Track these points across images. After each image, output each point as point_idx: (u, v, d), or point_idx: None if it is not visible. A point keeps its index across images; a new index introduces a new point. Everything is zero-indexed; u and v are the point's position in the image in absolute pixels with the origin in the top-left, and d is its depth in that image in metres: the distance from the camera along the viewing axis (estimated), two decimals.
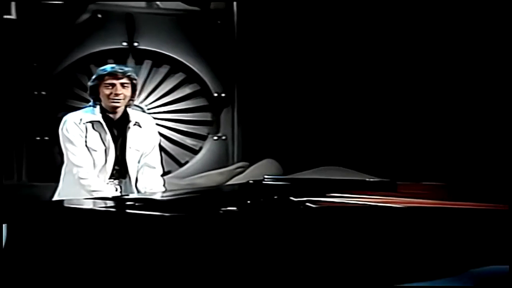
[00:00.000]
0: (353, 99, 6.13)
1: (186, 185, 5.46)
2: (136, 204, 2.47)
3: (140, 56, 6.10)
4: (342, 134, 6.06)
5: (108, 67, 3.82)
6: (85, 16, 5.87)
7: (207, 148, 6.29)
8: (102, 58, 5.91)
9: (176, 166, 6.16)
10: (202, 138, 6.33)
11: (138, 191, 3.93)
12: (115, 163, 3.82)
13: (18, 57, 5.58)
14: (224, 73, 6.30)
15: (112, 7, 5.99)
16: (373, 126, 6.08)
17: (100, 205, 2.46)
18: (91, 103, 3.84)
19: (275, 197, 2.65)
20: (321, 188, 2.77)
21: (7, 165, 5.46)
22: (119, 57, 5.99)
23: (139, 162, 3.97)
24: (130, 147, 3.86)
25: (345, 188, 2.72)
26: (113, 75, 3.75)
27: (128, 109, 3.89)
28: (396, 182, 3.05)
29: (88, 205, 2.66)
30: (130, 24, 6.01)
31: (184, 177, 5.92)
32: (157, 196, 3.56)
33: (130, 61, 6.07)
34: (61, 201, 3.34)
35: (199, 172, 6.07)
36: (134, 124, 3.88)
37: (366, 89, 6.11)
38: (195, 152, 6.29)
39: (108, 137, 3.78)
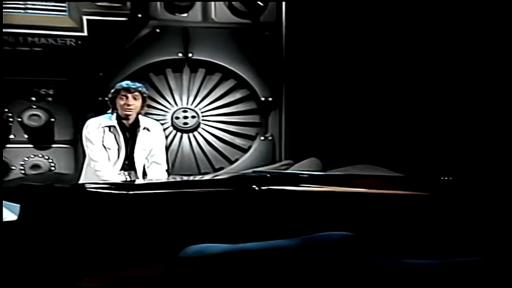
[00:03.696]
0: (392, 103, 6.42)
1: None
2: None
3: (194, 65, 6.52)
4: (381, 135, 6.38)
5: (123, 83, 4.68)
6: (146, 31, 6.38)
7: (255, 147, 6.67)
8: (160, 67, 6.45)
9: (227, 163, 6.59)
10: (251, 138, 6.71)
11: None
12: (125, 159, 4.65)
13: (86, 68, 6.16)
14: (271, 79, 6.66)
15: (170, 22, 6.45)
16: (411, 128, 6.40)
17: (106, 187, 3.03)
18: (109, 111, 4.67)
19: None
20: (294, 180, 3.27)
21: (76, 162, 6.24)
22: (175, 66, 6.49)
23: (147, 159, 4.79)
24: (138, 147, 4.68)
25: (314, 181, 3.20)
26: (127, 89, 4.60)
27: (140, 116, 4.71)
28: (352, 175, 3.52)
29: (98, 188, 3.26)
30: (185, 37, 6.45)
31: (233, 173, 6.44)
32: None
33: (186, 69, 6.52)
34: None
35: (248, 169, 6.38)
36: (143, 129, 4.70)
37: (408, 93, 6.39)
38: (244, 150, 6.68)
39: (121, 139, 4.62)
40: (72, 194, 2.67)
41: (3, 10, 6.03)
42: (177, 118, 6.43)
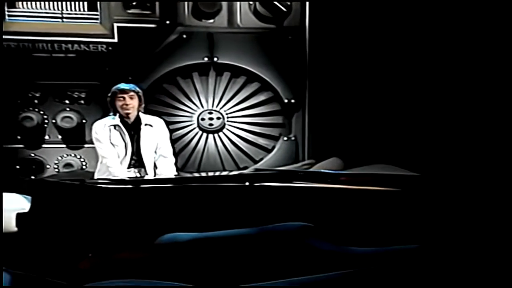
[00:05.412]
0: (412, 105, 6.47)
1: None
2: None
3: (220, 69, 6.74)
4: (402, 135, 6.45)
5: (119, 85, 5.09)
6: (173, 37, 6.61)
7: (279, 147, 6.86)
8: (187, 71, 6.68)
9: (251, 162, 6.81)
10: (275, 138, 6.91)
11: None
12: (132, 155, 5.06)
13: (117, 72, 6.39)
14: (294, 82, 6.84)
15: (196, 28, 6.67)
16: (432, 128, 6.47)
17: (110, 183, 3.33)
18: (112, 113, 5.12)
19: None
20: (290, 177, 3.50)
21: None
22: (201, 70, 6.72)
23: (155, 153, 5.16)
24: (143, 143, 5.06)
25: (305, 179, 3.43)
26: (122, 90, 5.04)
27: (141, 114, 5.10)
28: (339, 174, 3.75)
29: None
30: (210, 42, 6.68)
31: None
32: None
33: (212, 73, 6.75)
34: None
35: (272, 167, 6.54)
36: (145, 125, 5.08)
37: (429, 94, 6.44)
38: (268, 150, 6.89)
39: (127, 136, 5.03)
40: (72, 189, 2.97)
41: (43, 21, 6.50)
42: (203, 119, 6.68)
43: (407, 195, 2.79)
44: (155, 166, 5.23)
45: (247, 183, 3.13)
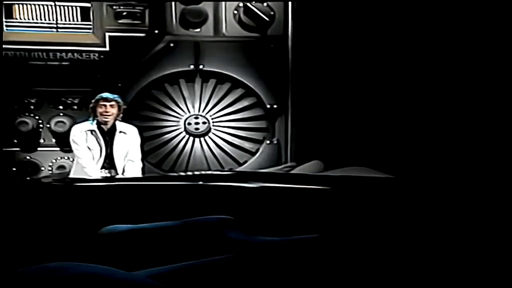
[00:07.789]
0: (391, 109, 6.70)
1: None
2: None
3: (205, 76, 7.05)
4: (382, 139, 6.68)
5: (103, 94, 5.56)
6: (161, 45, 6.93)
7: (262, 151, 7.16)
8: (174, 78, 7.00)
9: (236, 165, 7.09)
10: (258, 142, 7.19)
11: None
12: (105, 158, 5.53)
13: (108, 79, 6.74)
14: (276, 88, 7.14)
15: (183, 37, 6.99)
16: (412, 133, 6.62)
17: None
18: (91, 118, 5.57)
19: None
20: (256, 178, 3.79)
21: None
22: (188, 77, 7.04)
23: (125, 157, 5.61)
24: (116, 148, 5.55)
25: (273, 179, 3.72)
26: (105, 99, 5.52)
27: (117, 122, 5.59)
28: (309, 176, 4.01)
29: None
30: (196, 51, 6.99)
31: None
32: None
33: (198, 80, 7.05)
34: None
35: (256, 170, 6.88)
36: (120, 132, 5.57)
37: (409, 99, 6.62)
38: (252, 153, 7.17)
39: (101, 141, 5.52)
40: (30, 186, 3.33)
41: (38, 31, 6.84)
42: (189, 124, 6.99)
43: (335, 193, 3.11)
44: (123, 170, 5.64)
45: (200, 183, 3.46)
